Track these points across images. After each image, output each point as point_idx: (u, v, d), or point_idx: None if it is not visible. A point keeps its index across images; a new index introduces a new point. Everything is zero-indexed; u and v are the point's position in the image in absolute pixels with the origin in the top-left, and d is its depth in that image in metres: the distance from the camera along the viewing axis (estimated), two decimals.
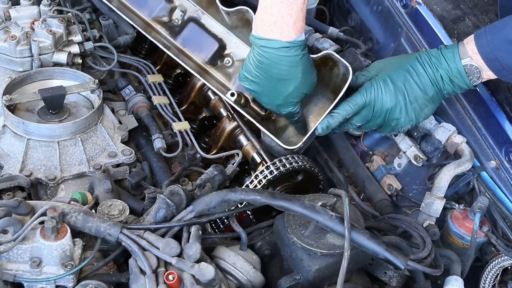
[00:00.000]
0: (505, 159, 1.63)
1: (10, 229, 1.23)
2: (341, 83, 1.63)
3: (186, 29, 1.91)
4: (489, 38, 1.50)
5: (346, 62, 1.58)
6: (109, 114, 1.78)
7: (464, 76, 1.54)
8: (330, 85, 1.74)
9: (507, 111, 1.66)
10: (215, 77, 1.86)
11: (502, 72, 1.52)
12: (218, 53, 1.88)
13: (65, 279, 1.24)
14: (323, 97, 1.76)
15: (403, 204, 1.86)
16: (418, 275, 1.51)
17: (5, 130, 1.65)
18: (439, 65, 1.56)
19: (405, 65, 1.59)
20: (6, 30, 1.77)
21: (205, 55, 1.87)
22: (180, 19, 1.92)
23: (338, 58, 1.61)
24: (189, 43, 1.89)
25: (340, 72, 1.67)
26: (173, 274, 1.21)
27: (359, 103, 1.58)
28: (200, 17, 1.92)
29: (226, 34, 1.89)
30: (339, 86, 1.67)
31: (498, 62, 1.49)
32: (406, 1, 1.91)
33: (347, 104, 1.59)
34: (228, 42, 1.89)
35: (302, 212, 1.36)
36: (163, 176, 1.73)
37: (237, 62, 1.87)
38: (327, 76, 1.72)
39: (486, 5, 1.95)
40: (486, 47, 1.50)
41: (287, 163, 1.67)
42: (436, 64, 1.56)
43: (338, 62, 1.63)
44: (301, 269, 1.40)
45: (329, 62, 1.68)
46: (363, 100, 1.58)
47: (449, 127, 1.69)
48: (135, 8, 1.93)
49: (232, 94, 1.68)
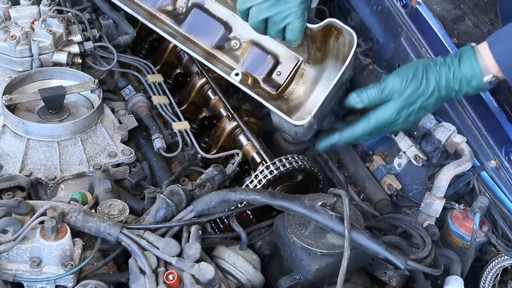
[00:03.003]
0: (505, 159, 1.63)
1: (10, 229, 1.23)
2: (349, 52, 1.62)
3: (190, 16, 1.91)
4: (505, 45, 1.47)
5: (349, 28, 1.57)
6: (109, 114, 1.78)
7: (483, 89, 1.52)
8: (339, 56, 1.72)
9: (507, 111, 1.66)
10: (223, 61, 1.84)
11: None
12: (224, 37, 1.87)
13: (65, 279, 1.24)
14: (335, 70, 1.74)
15: (403, 204, 1.85)
16: (418, 275, 1.51)
17: (5, 130, 1.65)
18: (460, 88, 1.52)
19: (422, 96, 1.53)
20: (6, 30, 1.77)
21: (212, 39, 1.86)
22: (184, 6, 1.92)
23: (341, 25, 1.60)
24: (195, 30, 1.88)
25: (345, 40, 1.65)
26: (173, 274, 1.21)
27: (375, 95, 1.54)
28: (203, 2, 1.92)
29: (231, 17, 1.89)
30: (347, 55, 1.65)
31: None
32: (406, 1, 1.91)
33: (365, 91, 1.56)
34: (233, 24, 1.88)
35: (302, 212, 1.36)
36: (163, 176, 1.73)
37: (244, 43, 1.86)
38: (335, 46, 1.70)
39: (486, 5, 1.95)
40: (502, 54, 1.47)
41: (287, 163, 1.67)
42: (457, 86, 1.52)
43: (342, 30, 1.62)
44: (301, 269, 1.40)
45: (333, 31, 1.67)
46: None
47: (449, 126, 1.69)
48: (138, 0, 1.93)
49: (237, 74, 1.65)
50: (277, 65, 1.84)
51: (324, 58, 1.79)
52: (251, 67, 1.76)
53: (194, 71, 2.02)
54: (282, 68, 1.84)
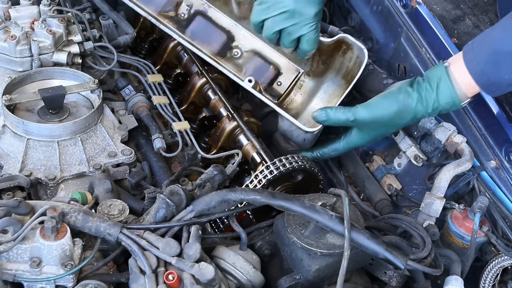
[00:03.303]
0: (505, 159, 1.63)
1: (10, 229, 1.23)
2: (354, 67, 1.65)
3: (193, 23, 1.93)
4: (476, 52, 1.48)
5: (361, 44, 1.59)
6: (109, 114, 1.78)
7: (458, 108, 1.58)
8: (342, 71, 1.75)
9: (507, 111, 1.66)
10: (225, 68, 1.87)
11: (490, 88, 1.51)
12: (226, 45, 1.89)
13: (65, 279, 1.24)
14: (334, 84, 1.77)
15: (403, 204, 1.85)
16: (418, 275, 1.51)
17: (5, 130, 1.65)
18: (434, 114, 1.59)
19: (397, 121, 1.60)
20: (6, 30, 1.77)
21: (214, 47, 1.88)
22: (186, 13, 1.93)
23: (352, 41, 1.62)
24: (197, 36, 1.90)
25: (353, 55, 1.68)
26: (173, 274, 1.21)
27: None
28: (206, 10, 1.93)
29: (234, 26, 1.90)
30: (350, 71, 1.68)
31: (486, 77, 1.47)
32: (406, 1, 1.91)
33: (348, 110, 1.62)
34: (236, 34, 1.90)
35: (302, 212, 1.36)
36: (163, 176, 1.72)
37: (246, 53, 1.88)
38: (339, 61, 1.73)
39: (486, 5, 1.95)
40: (473, 61, 1.48)
41: (287, 163, 1.67)
42: (432, 114, 1.59)
43: (352, 45, 1.64)
44: (301, 269, 1.40)
45: (343, 46, 1.70)
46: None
47: (449, 126, 1.69)
48: (141, 3, 1.94)
49: (250, 80, 1.71)
50: (278, 75, 1.88)
51: (325, 71, 1.82)
52: (253, 76, 1.79)
53: (194, 71, 2.02)
54: (283, 79, 1.88)
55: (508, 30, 1.43)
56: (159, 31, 2.19)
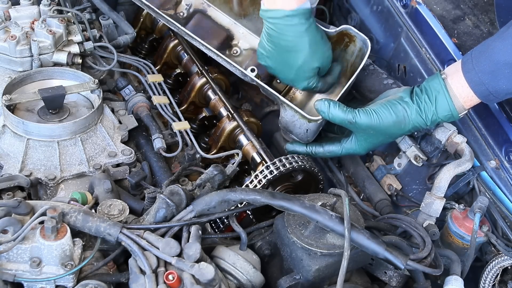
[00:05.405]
0: (505, 159, 1.63)
1: (10, 229, 1.23)
2: (355, 62, 1.64)
3: (192, 21, 1.92)
4: (475, 62, 1.49)
5: (363, 35, 1.60)
6: (109, 114, 1.78)
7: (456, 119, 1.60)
8: (343, 64, 1.74)
9: (507, 111, 1.66)
10: (226, 60, 1.86)
11: (488, 97, 1.52)
12: (225, 43, 1.89)
13: (65, 279, 1.24)
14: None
15: (403, 204, 1.85)
16: (418, 275, 1.51)
17: (5, 130, 1.65)
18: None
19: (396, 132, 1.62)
20: (6, 30, 1.77)
21: (213, 45, 1.88)
22: (185, 12, 1.93)
23: (355, 32, 1.62)
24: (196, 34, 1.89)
25: (356, 48, 1.68)
26: (173, 274, 1.21)
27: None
28: (206, 9, 1.93)
29: (233, 25, 1.90)
30: (352, 64, 1.67)
31: (484, 87, 1.49)
32: (406, 1, 1.91)
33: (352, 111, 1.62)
34: (235, 32, 1.90)
35: (302, 212, 1.36)
36: (163, 176, 1.72)
37: (245, 51, 1.88)
38: (341, 55, 1.73)
39: (486, 5, 1.95)
40: (472, 71, 1.50)
41: (287, 163, 1.67)
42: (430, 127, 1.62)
43: (355, 37, 1.64)
44: (301, 269, 1.40)
45: (345, 39, 1.70)
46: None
47: (449, 126, 1.69)
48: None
49: (253, 69, 1.71)
50: None
51: None
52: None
53: (194, 71, 2.02)
54: None
55: (506, 40, 1.45)
56: (159, 31, 2.19)
